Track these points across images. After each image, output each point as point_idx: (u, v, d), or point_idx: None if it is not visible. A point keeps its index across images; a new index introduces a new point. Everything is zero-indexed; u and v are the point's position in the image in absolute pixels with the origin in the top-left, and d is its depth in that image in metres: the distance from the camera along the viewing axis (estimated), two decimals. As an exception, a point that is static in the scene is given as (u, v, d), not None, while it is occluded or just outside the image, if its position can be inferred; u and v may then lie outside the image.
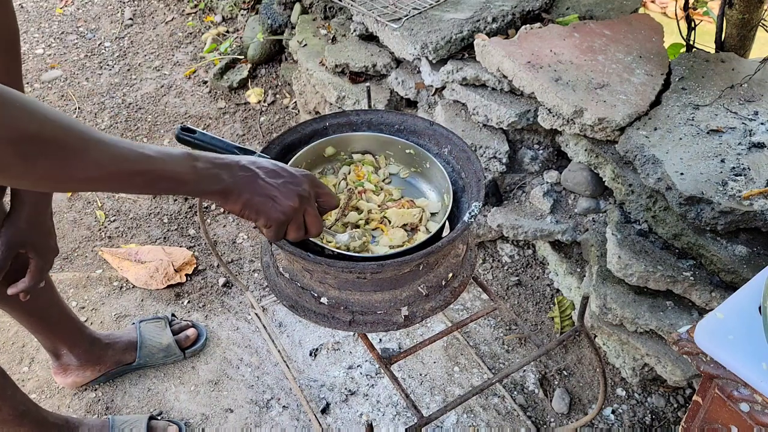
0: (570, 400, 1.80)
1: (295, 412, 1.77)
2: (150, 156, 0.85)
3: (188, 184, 0.90)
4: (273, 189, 0.97)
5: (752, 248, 1.53)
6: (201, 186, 0.91)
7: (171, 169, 0.87)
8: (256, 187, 0.96)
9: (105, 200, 2.50)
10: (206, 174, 0.91)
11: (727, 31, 1.98)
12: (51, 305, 1.65)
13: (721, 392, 0.89)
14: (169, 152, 0.88)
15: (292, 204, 0.98)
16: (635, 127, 1.70)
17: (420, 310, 1.23)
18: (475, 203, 1.19)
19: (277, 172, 0.99)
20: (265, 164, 0.99)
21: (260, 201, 0.96)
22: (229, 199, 0.95)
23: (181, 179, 0.89)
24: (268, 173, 0.98)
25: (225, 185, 0.94)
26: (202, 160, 0.91)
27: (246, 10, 3.37)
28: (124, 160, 0.82)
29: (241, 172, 0.95)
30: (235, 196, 0.95)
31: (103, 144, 0.80)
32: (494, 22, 2.10)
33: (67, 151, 0.76)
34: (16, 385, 1.45)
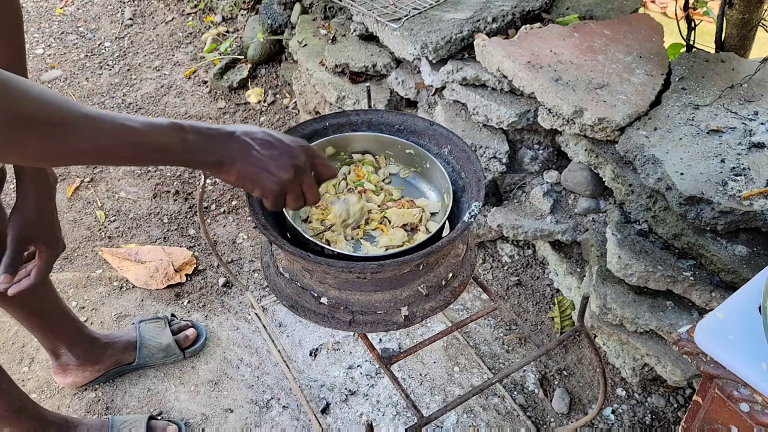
0: (570, 400, 1.80)
1: (295, 412, 1.77)
2: (136, 128, 0.84)
3: (177, 155, 0.89)
4: (267, 160, 0.96)
5: (752, 248, 1.53)
6: (191, 157, 0.91)
7: (158, 140, 0.87)
8: (250, 158, 0.95)
9: (105, 200, 2.50)
10: (196, 145, 0.90)
11: (727, 31, 1.98)
12: (50, 304, 1.65)
13: (721, 392, 0.89)
14: (157, 123, 0.87)
15: (287, 175, 0.97)
16: (635, 127, 1.70)
17: (420, 310, 1.23)
18: (475, 203, 1.19)
19: (271, 143, 0.98)
20: (259, 135, 0.98)
21: (255, 172, 0.96)
22: (223, 170, 0.95)
23: (170, 150, 0.88)
24: (262, 144, 0.97)
25: (217, 157, 0.93)
26: (191, 131, 0.90)
27: (246, 10, 3.37)
28: (109, 134, 0.82)
29: (234, 143, 0.95)
30: (228, 166, 0.95)
31: (88, 119, 0.80)
32: (494, 22, 2.10)
33: (50, 129, 0.77)
34: (12, 381, 1.45)
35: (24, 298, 1.55)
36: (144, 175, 2.61)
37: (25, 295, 1.54)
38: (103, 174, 2.63)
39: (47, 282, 1.62)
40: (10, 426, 1.46)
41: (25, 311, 1.60)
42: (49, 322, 1.66)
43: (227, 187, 2.54)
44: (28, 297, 1.57)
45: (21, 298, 1.55)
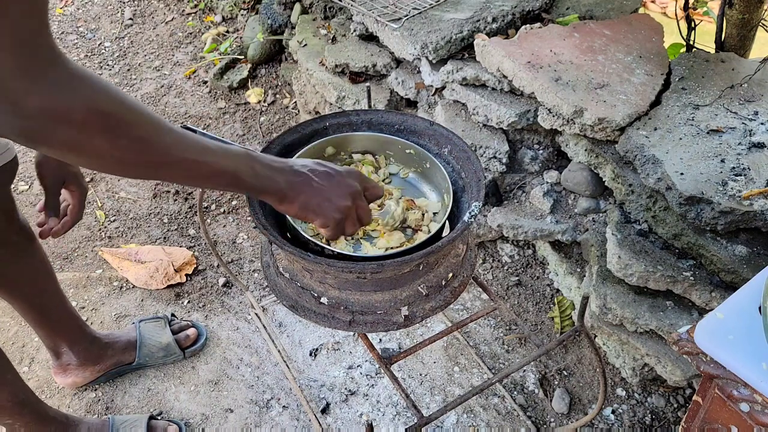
0: (570, 400, 1.80)
1: (295, 412, 1.77)
2: (212, 150, 0.88)
3: (245, 183, 0.94)
4: (327, 190, 1.01)
5: (752, 248, 1.53)
6: (258, 187, 0.95)
7: (231, 166, 0.91)
8: (311, 190, 1.00)
9: (105, 200, 2.50)
10: (264, 176, 0.95)
11: (727, 31, 1.98)
12: (53, 299, 1.66)
13: (721, 392, 0.89)
14: (230, 149, 0.92)
15: (347, 203, 1.02)
16: (635, 127, 1.70)
17: (420, 310, 1.23)
18: (475, 203, 1.19)
19: (328, 174, 1.03)
20: (314, 167, 1.03)
21: (317, 203, 1.00)
22: (285, 201, 0.99)
23: (240, 178, 0.92)
24: (319, 175, 1.02)
25: (281, 188, 0.97)
26: (260, 162, 0.95)
27: (246, 10, 3.37)
28: (189, 149, 0.85)
29: (294, 176, 0.99)
30: (291, 198, 0.99)
31: (170, 131, 0.84)
32: (494, 22, 2.10)
33: (140, 134, 0.79)
34: (17, 373, 1.46)
35: (28, 291, 1.56)
36: (144, 175, 2.61)
37: (29, 288, 1.56)
38: (103, 174, 2.63)
39: (51, 277, 1.63)
40: (12, 419, 1.46)
41: (29, 305, 1.60)
42: (51, 318, 1.67)
43: (227, 187, 2.53)
44: (32, 290, 1.58)
45: (25, 292, 1.56)
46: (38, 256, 1.58)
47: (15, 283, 1.54)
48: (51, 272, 1.63)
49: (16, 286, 1.55)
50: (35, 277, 1.58)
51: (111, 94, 0.76)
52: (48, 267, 1.62)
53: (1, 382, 1.40)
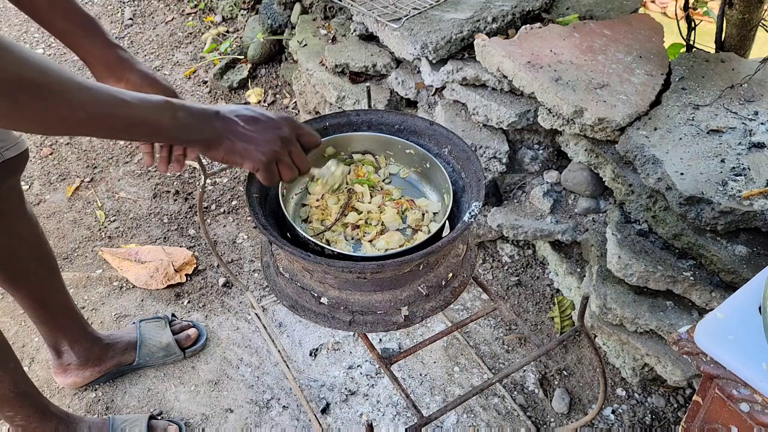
0: (570, 400, 1.80)
1: (295, 412, 1.77)
2: (129, 102, 0.88)
3: (166, 132, 0.93)
4: (253, 134, 1.01)
5: (752, 248, 1.53)
6: (180, 135, 0.95)
7: (149, 116, 0.90)
8: (236, 134, 1.00)
9: (105, 200, 2.50)
10: (185, 124, 0.94)
11: (727, 31, 1.98)
12: (57, 295, 1.67)
13: (721, 392, 0.89)
14: (149, 99, 0.91)
15: (274, 147, 1.02)
16: (635, 127, 1.70)
17: (420, 310, 1.23)
18: (475, 203, 1.19)
19: (255, 118, 1.02)
20: (243, 112, 1.02)
21: (242, 146, 1.00)
22: (211, 148, 0.99)
23: (160, 127, 0.92)
24: (247, 120, 1.01)
25: (205, 135, 0.97)
26: (182, 110, 0.94)
27: (246, 10, 3.37)
28: (103, 103, 0.85)
29: (219, 122, 0.99)
30: (216, 144, 0.99)
31: (83, 88, 0.83)
32: (494, 22, 2.10)
33: (48, 94, 0.80)
34: (19, 362, 1.46)
35: (33, 284, 1.57)
36: (144, 175, 2.62)
37: (35, 282, 1.57)
38: (103, 174, 2.63)
39: (56, 273, 1.64)
40: (13, 410, 1.47)
41: (33, 300, 1.61)
42: (54, 315, 1.67)
43: (227, 187, 2.54)
44: (37, 283, 1.58)
45: (30, 286, 1.57)
46: (45, 250, 1.58)
47: (21, 277, 1.55)
48: (56, 269, 1.64)
49: (22, 279, 1.55)
50: (41, 271, 1.59)
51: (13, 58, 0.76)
52: (54, 263, 1.63)
53: (4, 370, 1.40)
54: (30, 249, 1.53)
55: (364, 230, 1.28)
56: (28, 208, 1.51)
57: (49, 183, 2.59)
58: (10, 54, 0.76)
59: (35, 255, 1.55)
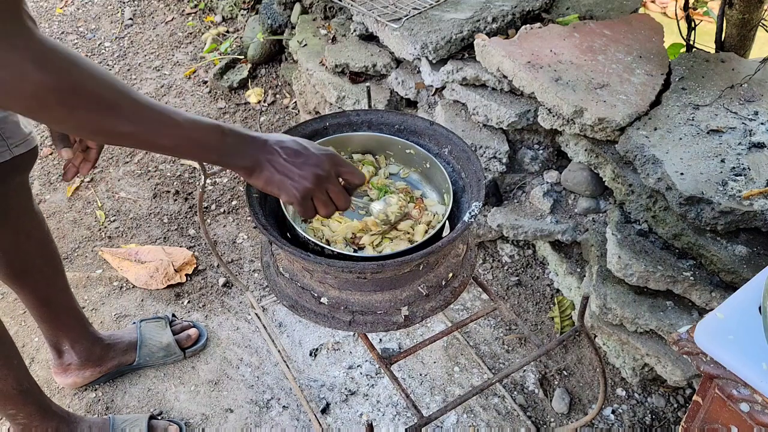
0: (570, 400, 1.80)
1: (295, 412, 1.77)
2: (180, 123, 0.92)
3: (214, 154, 0.98)
4: (291, 168, 1.03)
5: (752, 248, 1.53)
6: (226, 159, 0.99)
7: (198, 137, 0.95)
8: (277, 166, 1.03)
9: (105, 200, 2.50)
10: (233, 149, 0.99)
11: (727, 31, 1.98)
12: (61, 294, 1.67)
13: (721, 392, 0.89)
14: (200, 121, 0.95)
15: (308, 184, 1.04)
16: (635, 127, 1.70)
17: (420, 310, 1.23)
18: (475, 203, 1.19)
19: (298, 152, 1.04)
20: (288, 144, 1.05)
21: (279, 179, 1.03)
22: (252, 175, 1.03)
23: (207, 149, 0.97)
24: (289, 153, 1.04)
25: (249, 162, 1.01)
26: (231, 135, 0.98)
27: (246, 10, 3.37)
28: (155, 121, 0.90)
29: (263, 151, 1.02)
30: (257, 172, 1.03)
31: (137, 102, 0.88)
32: (494, 22, 2.10)
33: (103, 105, 0.84)
34: (23, 360, 1.47)
35: (38, 281, 1.58)
36: (144, 175, 2.62)
37: (39, 277, 1.57)
38: (103, 174, 2.63)
39: (61, 272, 1.64)
40: (16, 408, 1.47)
41: (36, 298, 1.61)
42: (56, 313, 1.67)
43: (227, 187, 2.54)
44: (41, 281, 1.59)
45: (35, 283, 1.57)
46: (51, 248, 1.59)
47: (26, 274, 1.55)
48: (61, 268, 1.65)
49: (27, 276, 1.56)
50: (46, 269, 1.59)
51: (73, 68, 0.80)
52: (59, 262, 1.63)
53: (8, 366, 1.40)
54: (36, 246, 1.54)
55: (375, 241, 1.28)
56: (35, 205, 1.51)
57: (49, 183, 2.59)
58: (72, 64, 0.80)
59: (41, 253, 1.56)
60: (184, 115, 0.93)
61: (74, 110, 0.82)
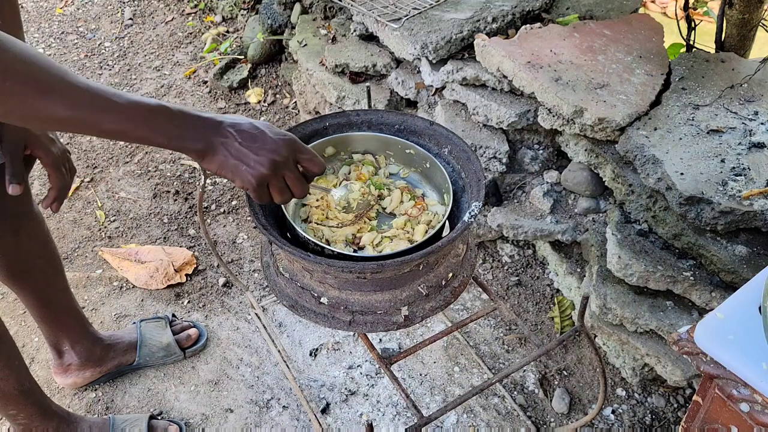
0: (570, 400, 1.80)
1: (295, 412, 1.77)
2: (120, 104, 0.86)
3: (160, 137, 0.92)
4: (247, 153, 0.98)
5: (752, 248, 1.53)
6: (174, 142, 0.93)
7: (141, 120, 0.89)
8: (232, 150, 0.97)
9: (105, 200, 2.50)
10: (181, 132, 0.93)
11: (727, 31, 1.98)
12: (61, 295, 1.66)
13: (721, 392, 0.89)
14: (143, 102, 0.89)
15: (264, 170, 0.98)
16: (635, 127, 1.70)
17: (420, 310, 1.23)
18: (475, 203, 1.19)
19: (254, 136, 0.99)
20: (245, 126, 0.99)
21: (234, 164, 0.98)
22: (204, 159, 0.97)
23: (154, 131, 0.91)
24: (245, 136, 0.98)
25: (201, 146, 0.95)
26: (179, 117, 0.92)
27: (246, 10, 3.37)
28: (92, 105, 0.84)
29: (216, 134, 0.97)
30: (210, 156, 0.97)
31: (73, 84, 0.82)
32: (494, 22, 2.10)
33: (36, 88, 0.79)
34: (23, 360, 1.47)
35: (39, 282, 1.57)
36: (144, 175, 2.62)
37: (39, 277, 1.57)
38: (103, 174, 2.63)
39: (61, 272, 1.64)
40: (17, 408, 1.47)
41: (36, 298, 1.61)
42: (56, 314, 1.67)
43: (227, 187, 2.54)
44: (42, 281, 1.58)
45: (35, 284, 1.56)
46: (51, 249, 1.59)
47: (26, 274, 1.55)
48: (61, 268, 1.64)
49: (27, 277, 1.56)
50: (47, 269, 1.59)
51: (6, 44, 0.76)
52: (59, 262, 1.63)
53: (9, 367, 1.40)
54: (37, 247, 1.53)
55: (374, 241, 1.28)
56: (35, 206, 1.51)
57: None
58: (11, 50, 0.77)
59: (41, 253, 1.55)
60: (126, 96, 0.88)
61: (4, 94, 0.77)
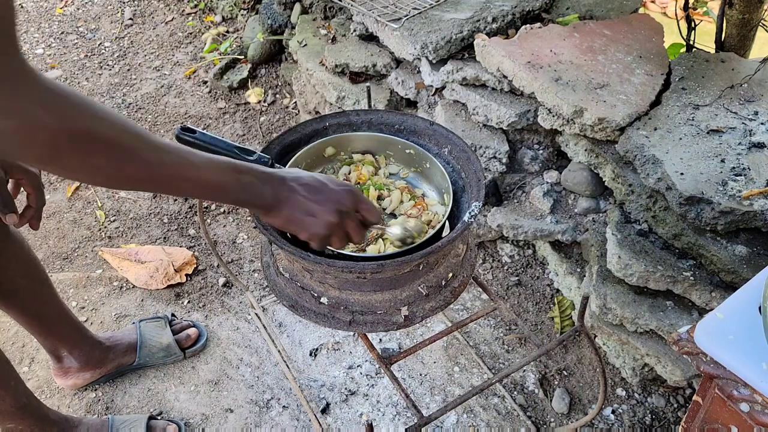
0: (570, 400, 1.80)
1: (295, 412, 1.77)
2: (197, 164, 0.88)
3: (231, 195, 0.94)
4: (313, 205, 1.00)
5: (752, 248, 1.53)
6: (242, 200, 0.95)
7: (215, 179, 0.91)
8: (297, 204, 0.99)
9: (105, 200, 2.50)
10: (249, 188, 0.95)
11: (727, 31, 1.98)
12: (50, 305, 1.64)
13: (721, 392, 0.89)
14: (216, 161, 0.91)
15: (332, 220, 1.01)
16: (635, 127, 1.70)
17: (420, 310, 1.23)
18: (475, 203, 1.19)
19: (317, 189, 1.01)
20: (306, 180, 1.01)
21: (301, 218, 1.00)
22: (270, 213, 0.99)
23: (225, 190, 0.92)
24: (309, 190, 1.01)
25: (267, 201, 0.97)
26: (246, 174, 0.94)
27: (246, 10, 3.37)
28: (172, 165, 0.85)
29: (282, 189, 0.99)
30: (276, 211, 0.99)
31: (154, 147, 0.83)
32: (494, 22, 2.10)
33: (119, 151, 0.79)
34: (20, 378, 1.46)
35: (26, 299, 1.55)
36: (144, 175, 2.61)
37: (26, 295, 1.55)
38: (103, 174, 2.63)
39: (47, 284, 1.62)
40: (14, 423, 1.46)
41: (25, 313, 1.59)
42: (48, 324, 1.65)
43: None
44: (29, 298, 1.56)
45: (23, 300, 1.55)
46: (33, 265, 1.56)
47: (12, 294, 1.52)
48: (47, 280, 1.61)
49: (13, 296, 1.53)
50: (32, 285, 1.56)
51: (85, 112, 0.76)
52: (44, 275, 1.60)
53: (5, 388, 1.40)
54: (19, 268, 1.50)
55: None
56: (12, 227, 1.46)
57: (49, 183, 2.59)
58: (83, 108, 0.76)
59: (24, 273, 1.52)
60: (198, 154, 0.89)
61: (89, 156, 0.77)
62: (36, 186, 1.25)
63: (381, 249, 1.23)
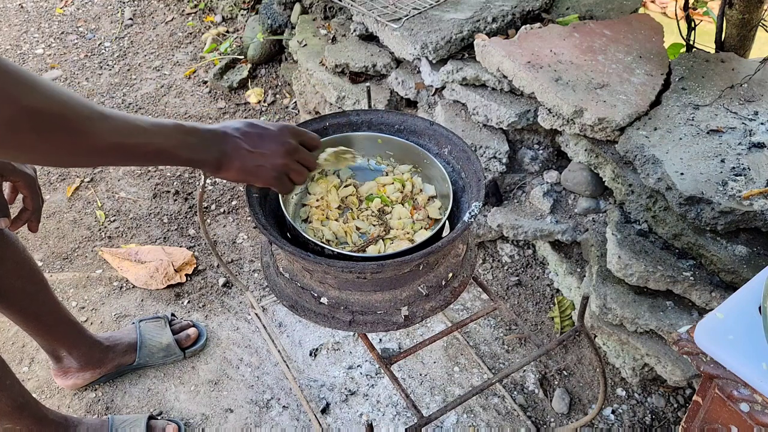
0: (570, 400, 1.80)
1: (295, 412, 1.77)
2: (145, 128, 0.89)
3: (181, 156, 0.95)
4: (261, 152, 1.01)
5: (752, 248, 1.53)
6: (193, 160, 0.96)
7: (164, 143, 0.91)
8: (246, 155, 1.00)
9: (105, 200, 2.50)
10: (197, 147, 0.96)
11: (727, 31, 1.98)
12: (48, 307, 1.63)
13: (721, 392, 0.89)
14: (162, 125, 0.91)
15: (281, 161, 1.03)
16: (635, 127, 1.70)
17: (420, 310, 1.23)
18: (475, 203, 1.19)
19: (259, 134, 1.03)
20: (246, 129, 1.03)
21: (252, 168, 1.01)
22: (222, 170, 1.00)
23: (174, 154, 0.93)
24: (251, 137, 1.02)
25: (215, 157, 0.98)
26: (192, 134, 0.95)
27: (246, 10, 3.37)
28: (120, 133, 0.85)
29: (226, 143, 0.99)
30: (227, 165, 1.00)
31: (103, 117, 0.83)
32: (494, 22, 2.10)
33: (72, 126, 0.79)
34: (16, 377, 1.45)
35: (21, 301, 1.54)
36: (144, 175, 2.61)
37: (21, 296, 1.54)
38: (103, 174, 2.63)
39: (43, 285, 1.60)
40: (12, 423, 1.46)
41: (23, 315, 1.58)
42: (47, 326, 1.65)
43: (227, 187, 2.54)
44: (25, 300, 1.55)
45: (18, 302, 1.54)
46: (29, 266, 1.55)
47: (8, 297, 1.51)
48: (44, 281, 1.60)
49: (9, 299, 1.52)
50: (29, 287, 1.55)
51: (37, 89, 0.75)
52: (40, 276, 1.59)
53: (1, 388, 1.39)
54: (12, 269, 1.49)
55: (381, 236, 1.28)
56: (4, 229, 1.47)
57: (49, 183, 2.59)
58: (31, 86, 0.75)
59: (18, 274, 1.51)
60: (145, 119, 0.89)
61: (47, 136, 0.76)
62: (32, 188, 1.25)
63: (381, 249, 1.23)
